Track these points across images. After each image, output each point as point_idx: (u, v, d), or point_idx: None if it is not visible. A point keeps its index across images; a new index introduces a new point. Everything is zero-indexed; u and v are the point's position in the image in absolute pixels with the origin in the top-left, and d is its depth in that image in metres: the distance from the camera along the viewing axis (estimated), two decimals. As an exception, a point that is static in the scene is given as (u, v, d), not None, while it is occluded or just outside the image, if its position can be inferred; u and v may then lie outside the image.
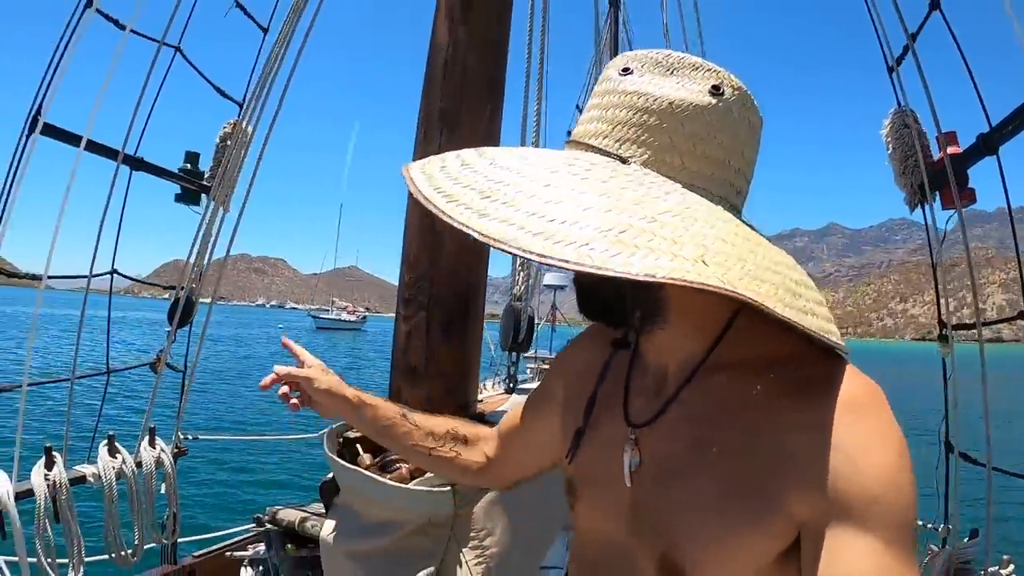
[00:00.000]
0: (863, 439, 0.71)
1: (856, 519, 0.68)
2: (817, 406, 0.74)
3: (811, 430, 0.73)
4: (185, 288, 2.95)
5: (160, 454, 2.77)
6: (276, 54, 3.02)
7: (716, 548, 0.77)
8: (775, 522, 0.74)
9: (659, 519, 0.83)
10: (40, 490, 2.26)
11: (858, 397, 0.75)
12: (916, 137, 2.49)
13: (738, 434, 0.78)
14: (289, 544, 2.47)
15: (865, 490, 0.69)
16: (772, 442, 0.75)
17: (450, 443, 1.26)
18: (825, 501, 0.70)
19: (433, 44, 2.29)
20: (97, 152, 2.52)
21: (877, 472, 0.70)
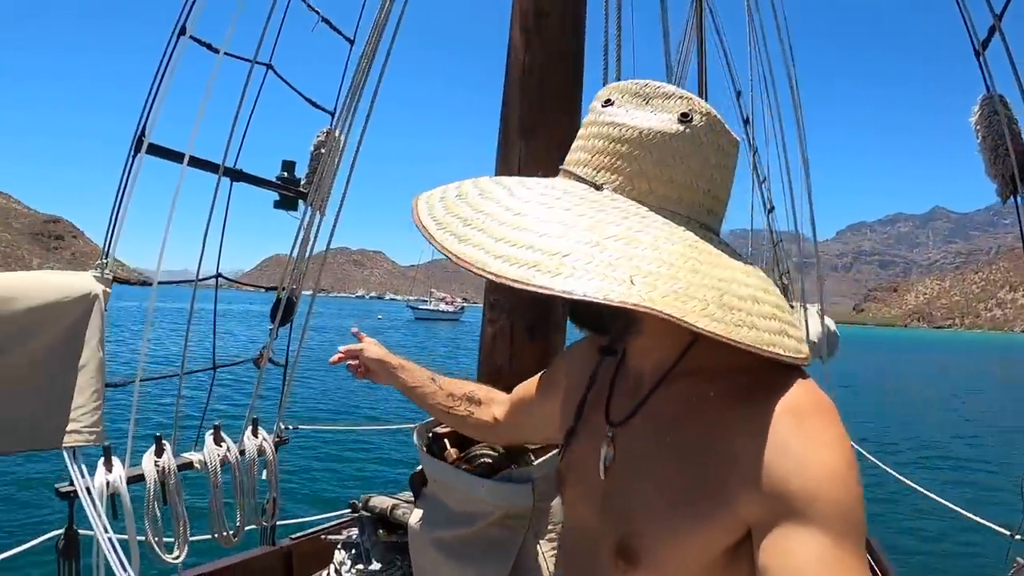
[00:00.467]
0: (805, 442, 0.75)
1: (803, 517, 0.71)
2: (762, 411, 0.79)
3: (755, 434, 0.78)
4: (286, 289, 3.08)
5: (262, 443, 2.92)
6: (363, 64, 3.10)
7: (668, 537, 0.83)
8: (723, 518, 0.79)
9: (623, 508, 0.90)
10: (150, 475, 2.43)
11: (802, 404, 0.79)
12: (1006, 124, 2.27)
13: (694, 435, 0.85)
14: (381, 530, 2.56)
15: (809, 489, 0.72)
16: (722, 444, 0.81)
17: (465, 403, 1.46)
18: (770, 500, 0.74)
19: (510, 53, 2.30)
20: (199, 167, 2.68)
21: (820, 472, 0.73)
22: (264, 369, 3.06)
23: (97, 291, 2.23)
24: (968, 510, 3.03)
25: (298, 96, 3.10)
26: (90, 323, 2.19)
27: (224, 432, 2.78)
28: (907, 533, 8.71)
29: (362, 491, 2.54)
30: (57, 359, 2.10)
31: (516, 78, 2.26)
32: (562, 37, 2.26)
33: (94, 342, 2.18)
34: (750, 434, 0.78)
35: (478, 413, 1.46)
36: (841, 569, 0.69)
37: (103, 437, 2.19)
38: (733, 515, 0.78)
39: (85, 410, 2.12)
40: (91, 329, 2.19)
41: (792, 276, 5.70)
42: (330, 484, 8.79)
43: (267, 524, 2.96)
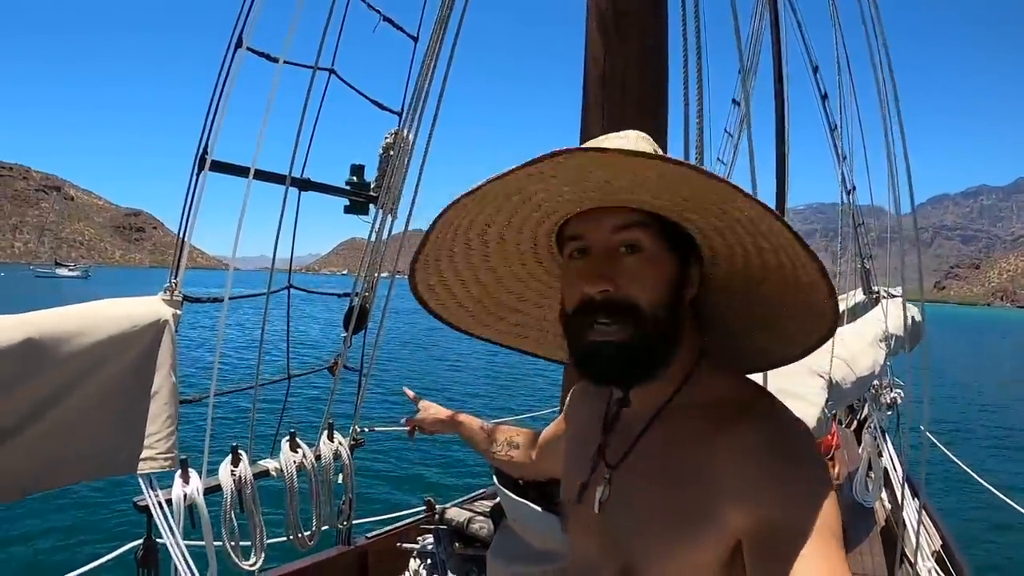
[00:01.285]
0: (783, 460, 0.81)
1: (786, 525, 0.76)
2: (746, 434, 0.85)
3: (739, 456, 0.83)
4: (359, 297, 2.98)
5: (338, 447, 2.86)
6: (429, 62, 2.91)
7: (666, 560, 0.87)
8: (714, 535, 0.83)
9: (621, 538, 0.94)
10: (227, 485, 2.38)
11: (779, 427, 0.86)
12: None
13: (684, 463, 0.89)
14: (457, 543, 2.49)
15: (789, 501, 0.78)
16: (709, 468, 0.85)
17: (505, 447, 1.60)
18: (756, 513, 0.79)
19: (588, 57, 2.09)
20: (265, 179, 2.57)
21: (797, 485, 0.79)
22: (339, 376, 2.98)
23: (167, 315, 2.15)
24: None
25: (364, 99, 2.94)
26: (161, 349, 2.12)
27: (300, 438, 2.73)
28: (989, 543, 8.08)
29: (434, 490, 2.50)
30: (129, 387, 2.05)
31: (595, 83, 2.06)
32: (643, 36, 2.03)
33: (166, 368, 2.12)
34: (734, 456, 0.84)
35: (517, 456, 1.59)
36: (831, 566, 0.73)
37: (176, 461, 2.14)
38: (723, 531, 0.83)
39: (159, 436, 2.07)
40: (162, 355, 2.12)
41: (874, 255, 5.31)
42: (405, 483, 8.85)
43: (343, 526, 2.92)
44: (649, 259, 0.89)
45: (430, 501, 3.16)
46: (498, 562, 1.87)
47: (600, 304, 0.88)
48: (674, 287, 0.91)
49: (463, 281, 1.17)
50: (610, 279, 0.88)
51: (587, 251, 0.92)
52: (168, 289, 2.25)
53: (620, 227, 0.89)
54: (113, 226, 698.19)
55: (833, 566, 0.73)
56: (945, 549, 3.96)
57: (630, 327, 0.87)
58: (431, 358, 23.17)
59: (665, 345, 0.91)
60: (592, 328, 0.89)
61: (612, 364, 0.89)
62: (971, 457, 11.37)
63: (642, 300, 0.88)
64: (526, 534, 1.84)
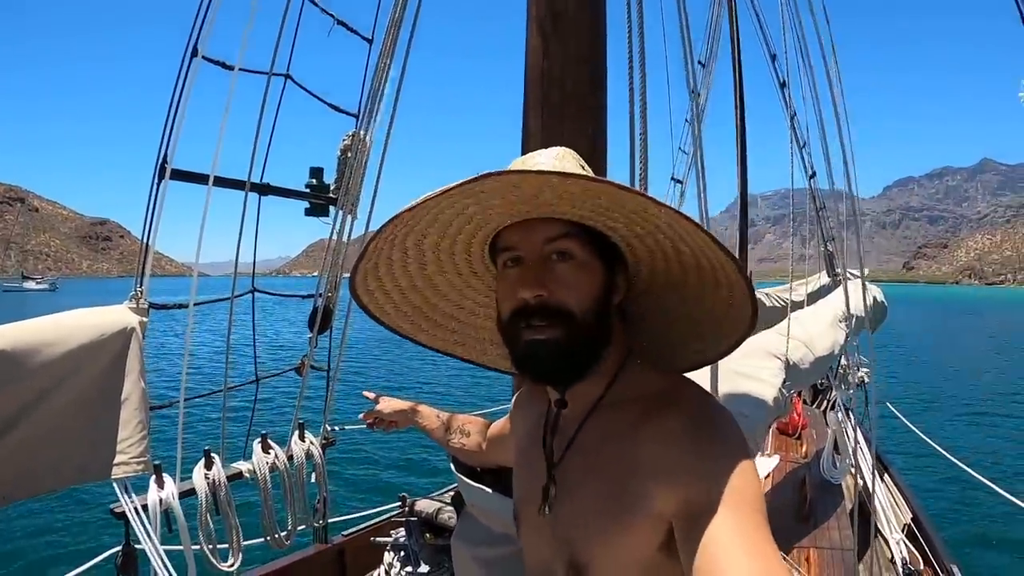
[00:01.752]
0: (703, 443, 0.88)
1: (710, 502, 0.81)
2: (667, 424, 0.92)
3: (662, 442, 0.91)
4: (323, 298, 3.04)
5: (310, 447, 2.94)
6: (383, 63, 2.98)
7: (607, 548, 0.94)
8: (648, 520, 0.89)
9: (566, 531, 1.02)
10: (201, 488, 2.45)
11: (699, 414, 0.94)
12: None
13: (616, 455, 0.97)
14: (428, 534, 2.57)
15: (711, 480, 0.83)
16: (638, 457, 0.93)
17: (458, 435, 1.71)
18: (681, 494, 0.85)
19: (527, 58, 2.16)
20: (226, 186, 2.63)
21: (718, 465, 0.84)
22: (307, 376, 3.04)
23: (133, 323, 2.22)
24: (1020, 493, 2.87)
25: (321, 102, 3.00)
26: (129, 356, 2.18)
27: (271, 439, 2.79)
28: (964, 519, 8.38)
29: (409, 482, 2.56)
30: (100, 395, 2.10)
31: (534, 84, 2.13)
32: (579, 37, 2.10)
33: (134, 374, 2.18)
34: (658, 443, 0.91)
35: (467, 443, 1.70)
36: (748, 537, 0.78)
37: (150, 465, 2.20)
38: (655, 515, 0.89)
39: (131, 441, 2.13)
40: (131, 362, 2.18)
41: (837, 238, 5.46)
42: (379, 478, 8.98)
43: (319, 524, 3.00)
44: (579, 266, 0.97)
45: (404, 496, 3.24)
46: (461, 546, 1.94)
47: (535, 308, 0.95)
48: (602, 292, 1.00)
49: (401, 288, 1.23)
50: (544, 285, 0.95)
51: (520, 260, 0.99)
52: (134, 297, 2.31)
53: (551, 238, 0.97)
54: (79, 236, 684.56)
55: (752, 538, 0.78)
56: (915, 522, 4.11)
57: (562, 329, 0.95)
58: (400, 356, 23.24)
59: (595, 345, 0.99)
60: (528, 329, 0.96)
61: (547, 362, 0.97)
62: (938, 430, 11.69)
63: (573, 304, 0.96)
64: (485, 518, 1.91)
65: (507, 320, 1.00)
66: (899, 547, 3.76)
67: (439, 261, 1.18)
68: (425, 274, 1.21)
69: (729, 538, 0.78)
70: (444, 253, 1.16)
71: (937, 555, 3.66)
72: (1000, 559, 7.14)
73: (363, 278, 1.18)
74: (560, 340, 0.95)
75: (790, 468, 5.21)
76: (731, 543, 0.77)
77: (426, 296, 1.26)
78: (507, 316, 1.00)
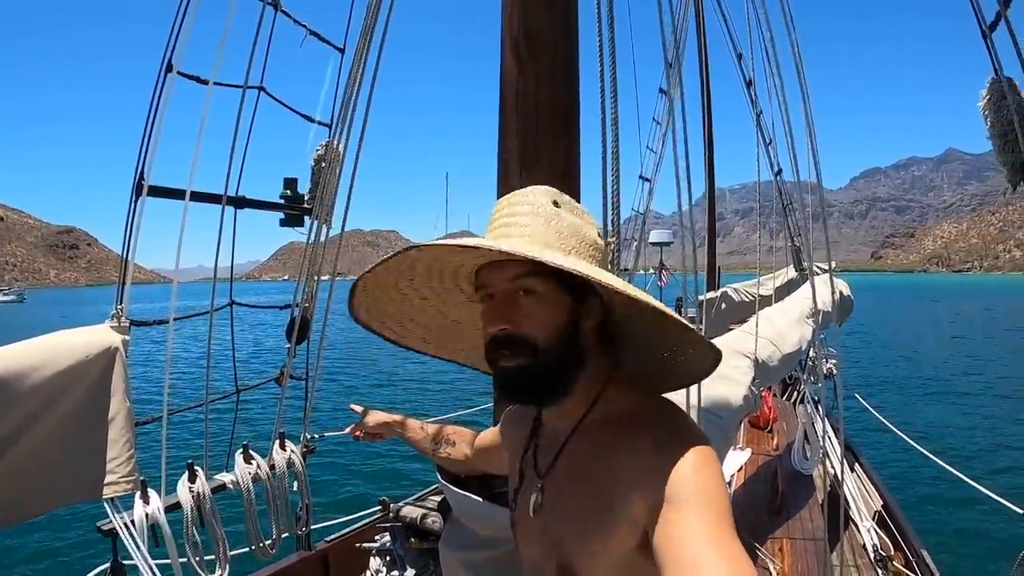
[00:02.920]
0: (673, 455, 0.97)
1: (679, 507, 0.91)
2: (642, 438, 1.03)
3: (637, 455, 1.01)
4: (300, 308, 3.12)
5: (291, 455, 3.03)
6: (355, 73, 3.05)
7: (589, 550, 1.05)
8: (625, 526, 1.00)
9: (555, 538, 1.14)
10: (186, 502, 2.54)
11: (671, 428, 1.05)
12: (1015, 110, 2.20)
13: (599, 468, 1.07)
14: (412, 538, 2.67)
15: (680, 487, 0.93)
16: (616, 469, 1.04)
17: (443, 445, 1.80)
18: (653, 501, 0.94)
19: (503, 76, 2.24)
20: (202, 200, 2.69)
21: (686, 474, 0.94)
22: (286, 386, 3.13)
23: (116, 343, 2.29)
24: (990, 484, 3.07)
25: (294, 113, 3.07)
26: (114, 375, 2.25)
27: (253, 449, 2.88)
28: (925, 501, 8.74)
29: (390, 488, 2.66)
30: (87, 417, 2.18)
31: (510, 101, 2.21)
32: (554, 55, 2.19)
33: (120, 394, 2.25)
34: (633, 456, 1.02)
35: (453, 452, 1.80)
36: (715, 537, 0.86)
37: (139, 483, 2.27)
38: (631, 522, 0.99)
39: (119, 460, 2.21)
40: (115, 381, 2.25)
41: (803, 232, 5.64)
42: (360, 485, 9.12)
43: (302, 532, 3.09)
44: (541, 300, 1.08)
45: (385, 500, 3.34)
46: (448, 551, 2.04)
47: (502, 340, 1.08)
48: (567, 321, 1.10)
49: (412, 316, 1.42)
50: (508, 319, 1.08)
51: (492, 296, 1.12)
52: (115, 316, 2.38)
53: (515, 276, 1.08)
54: (46, 245, 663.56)
55: (719, 539, 0.86)
56: (885, 509, 4.30)
57: (526, 357, 1.07)
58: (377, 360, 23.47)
59: (562, 369, 1.10)
60: (499, 358, 1.09)
61: (515, 385, 1.10)
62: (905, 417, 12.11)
63: (537, 335, 1.07)
64: (471, 523, 2.00)
65: (485, 348, 1.12)
66: (870, 534, 3.93)
67: (433, 290, 1.35)
68: (423, 298, 1.38)
69: (693, 534, 0.87)
70: (435, 286, 1.34)
71: (908, 541, 3.85)
72: (967, 544, 7.48)
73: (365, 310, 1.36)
74: (525, 367, 1.07)
75: (762, 461, 5.40)
76: (700, 545, 0.85)
77: (432, 317, 1.44)
78: (485, 344, 1.12)
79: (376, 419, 1.87)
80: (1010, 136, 2.25)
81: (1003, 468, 10.49)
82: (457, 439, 1.81)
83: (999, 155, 2.32)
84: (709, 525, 0.88)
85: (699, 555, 0.84)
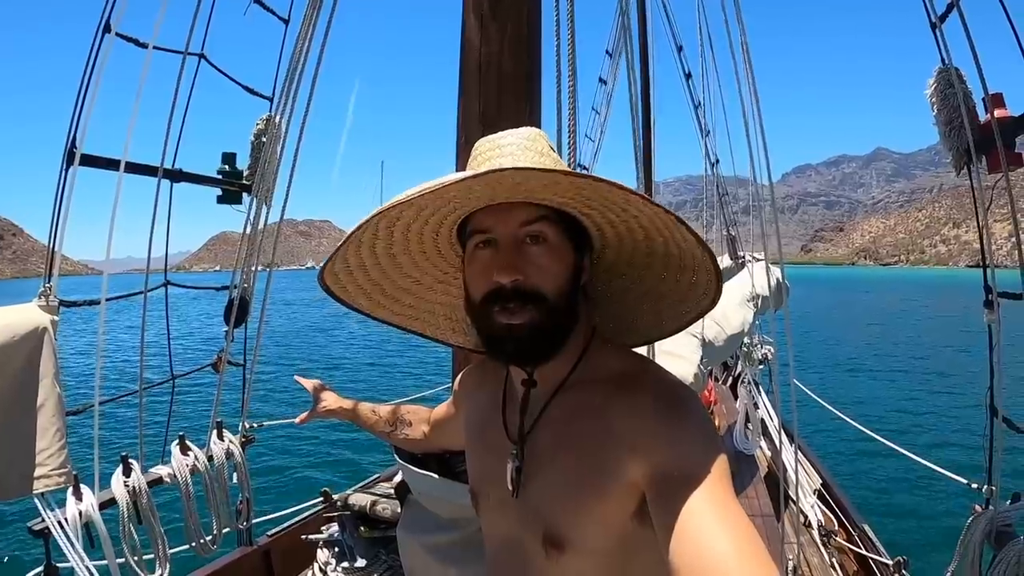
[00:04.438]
0: (672, 416, 0.93)
1: (681, 471, 0.87)
2: (636, 398, 0.98)
3: (633, 416, 0.96)
4: (238, 288, 2.97)
5: (229, 446, 2.88)
6: (301, 45, 2.92)
7: (581, 517, 0.99)
8: (621, 489, 0.95)
9: (538, 506, 1.05)
10: (121, 497, 2.37)
11: (666, 389, 1.00)
12: (962, 99, 2.30)
13: (587, 429, 1.01)
14: (362, 527, 2.59)
15: (681, 450, 0.89)
16: (609, 430, 0.98)
17: (400, 426, 1.72)
18: (653, 464, 0.90)
19: (465, 43, 2.19)
20: (137, 172, 2.52)
21: (686, 435, 0.91)
22: (224, 372, 2.97)
23: (44, 323, 2.11)
24: (926, 456, 3.23)
25: (236, 85, 2.91)
26: (42, 359, 2.08)
27: (189, 440, 2.72)
28: (866, 478, 9.23)
29: (333, 478, 2.56)
30: (14, 404, 2.01)
31: (472, 69, 2.17)
32: (518, 22, 2.16)
33: (49, 378, 2.08)
34: (629, 417, 0.96)
35: (410, 432, 1.72)
36: (718, 503, 0.83)
37: (71, 477, 2.10)
38: (628, 484, 0.94)
39: (50, 452, 2.04)
40: (44, 365, 2.08)
41: (741, 222, 5.82)
42: (301, 476, 8.85)
43: (243, 526, 2.95)
44: (551, 249, 1.00)
45: (326, 491, 3.24)
46: (409, 536, 1.98)
47: (510, 292, 0.98)
48: (573, 274, 1.03)
49: (364, 267, 1.23)
50: (520, 269, 0.98)
51: (493, 243, 1.01)
52: (43, 294, 2.19)
53: (527, 221, 0.99)
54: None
55: (721, 502, 0.83)
56: (824, 486, 4.47)
57: (536, 312, 0.98)
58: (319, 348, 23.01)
59: (565, 327, 1.03)
60: (502, 312, 0.98)
61: (523, 344, 1.00)
62: (842, 399, 12.81)
63: (547, 288, 0.99)
64: (432, 505, 1.96)
65: (479, 302, 1.02)
66: (813, 511, 4.08)
67: (406, 241, 1.20)
68: (391, 253, 1.22)
69: (700, 504, 0.82)
70: (413, 234, 1.18)
71: (848, 516, 4.02)
72: (905, 517, 7.92)
73: (332, 264, 1.18)
74: (535, 323, 0.98)
75: None
76: (702, 509, 0.82)
77: (386, 272, 1.27)
78: (479, 298, 1.02)
79: (326, 406, 1.77)
80: (956, 122, 2.36)
81: (938, 442, 11.37)
82: (413, 419, 1.73)
83: (944, 141, 2.43)
84: (713, 491, 0.84)
85: (705, 525, 0.81)
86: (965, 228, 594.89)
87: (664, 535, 0.83)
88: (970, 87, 2.35)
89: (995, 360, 2.42)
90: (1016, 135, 2.19)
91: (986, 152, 2.30)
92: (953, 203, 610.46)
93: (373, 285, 1.29)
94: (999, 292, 2.37)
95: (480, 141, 1.11)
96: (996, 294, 2.37)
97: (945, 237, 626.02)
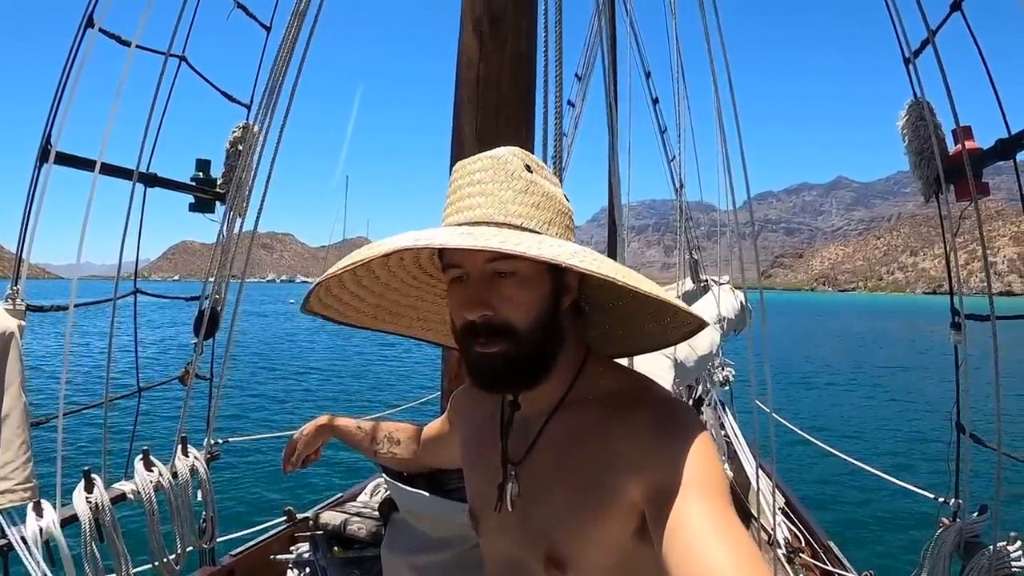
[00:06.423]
0: (671, 435, 0.93)
1: (680, 489, 0.86)
2: (635, 418, 0.97)
3: (632, 436, 0.95)
4: (209, 300, 2.86)
5: (194, 462, 2.76)
6: (283, 52, 2.86)
7: (582, 538, 0.99)
8: (621, 508, 0.94)
9: (539, 528, 1.04)
10: (83, 514, 2.24)
11: (664, 406, 0.99)
12: (932, 130, 2.41)
13: (586, 450, 1.01)
14: (336, 547, 2.48)
15: (679, 468, 0.88)
16: (608, 450, 0.97)
17: (387, 445, 1.69)
18: (652, 483, 0.90)
19: (462, 59, 2.18)
20: (112, 174, 2.43)
21: (685, 454, 0.90)
22: (191, 386, 2.84)
23: (11, 327, 2.00)
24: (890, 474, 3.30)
25: (215, 91, 2.83)
26: (8, 365, 1.97)
27: (154, 455, 2.59)
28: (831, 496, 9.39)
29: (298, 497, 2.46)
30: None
31: (469, 85, 2.16)
32: (517, 42, 2.17)
33: (15, 386, 1.97)
34: (628, 437, 0.96)
35: (399, 451, 1.69)
36: (718, 519, 0.83)
37: (36, 491, 1.97)
38: (629, 504, 0.93)
39: (15, 466, 1.92)
40: (10, 372, 1.97)
41: (703, 247, 5.91)
42: (267, 493, 8.63)
43: (207, 546, 2.81)
44: (523, 281, 0.98)
45: (290, 510, 3.11)
46: (395, 556, 1.90)
47: (481, 327, 0.97)
48: (549, 301, 1.01)
49: (359, 296, 1.24)
50: (487, 304, 0.96)
51: (465, 278, 1.00)
52: (9, 297, 2.07)
53: (493, 257, 0.96)
54: None
55: (719, 519, 0.83)
56: (788, 504, 4.51)
57: (508, 343, 0.97)
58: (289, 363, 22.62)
59: (544, 353, 1.02)
60: (476, 344, 0.98)
61: (497, 375, 1.00)
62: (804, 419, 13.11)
63: (518, 320, 0.97)
64: (420, 523, 1.89)
65: (458, 334, 1.02)
66: (780, 528, 4.10)
67: (389, 271, 1.21)
68: (380, 283, 1.23)
69: (699, 521, 0.82)
70: (394, 266, 1.20)
71: (813, 534, 4.06)
72: (871, 533, 8.07)
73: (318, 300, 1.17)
74: (507, 353, 0.97)
75: None
76: (702, 526, 0.82)
77: (384, 296, 1.27)
78: (458, 331, 1.02)
79: (306, 434, 1.71)
80: (926, 153, 2.45)
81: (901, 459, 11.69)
82: (401, 436, 1.69)
83: (915, 170, 2.52)
84: (712, 508, 0.84)
85: (703, 541, 0.80)
86: (922, 256, 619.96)
87: (664, 552, 0.84)
88: (939, 119, 2.46)
89: (961, 379, 2.50)
90: (984, 166, 2.29)
91: (955, 181, 2.41)
92: (911, 232, 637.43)
93: (376, 308, 1.29)
94: (965, 314, 2.46)
95: (457, 167, 1.08)
96: (963, 316, 2.46)
97: (903, 264, 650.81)
